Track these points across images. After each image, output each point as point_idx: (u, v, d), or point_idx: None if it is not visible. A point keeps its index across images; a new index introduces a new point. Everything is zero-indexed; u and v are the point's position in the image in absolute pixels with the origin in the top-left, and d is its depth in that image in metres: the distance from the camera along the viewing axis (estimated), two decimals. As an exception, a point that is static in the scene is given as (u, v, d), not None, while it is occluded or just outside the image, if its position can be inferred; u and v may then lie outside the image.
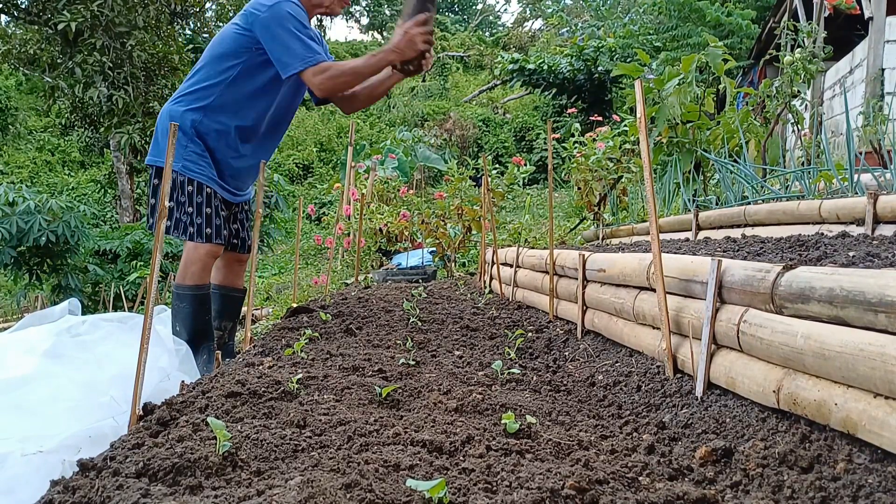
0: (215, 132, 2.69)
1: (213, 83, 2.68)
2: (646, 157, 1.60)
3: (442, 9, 39.46)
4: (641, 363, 1.74)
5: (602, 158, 5.18)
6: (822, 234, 2.31)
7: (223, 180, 2.76)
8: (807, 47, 4.45)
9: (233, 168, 2.78)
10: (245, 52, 2.65)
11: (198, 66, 2.76)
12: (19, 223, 7.84)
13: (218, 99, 2.68)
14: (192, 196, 2.66)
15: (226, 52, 2.67)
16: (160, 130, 2.72)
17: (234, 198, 2.86)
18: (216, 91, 2.67)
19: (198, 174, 2.67)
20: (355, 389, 1.60)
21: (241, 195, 2.93)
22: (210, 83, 2.68)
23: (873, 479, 0.91)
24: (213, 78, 2.68)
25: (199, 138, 2.68)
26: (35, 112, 21.56)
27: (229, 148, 2.74)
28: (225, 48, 2.68)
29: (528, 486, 1.00)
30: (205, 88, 2.69)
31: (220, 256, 2.86)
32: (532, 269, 3.08)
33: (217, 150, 2.72)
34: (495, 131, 20.22)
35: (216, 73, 2.68)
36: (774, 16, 10.57)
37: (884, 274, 0.96)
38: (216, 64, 2.68)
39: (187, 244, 2.73)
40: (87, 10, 10.77)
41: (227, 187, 2.80)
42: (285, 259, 13.26)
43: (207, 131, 2.68)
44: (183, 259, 2.76)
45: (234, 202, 2.89)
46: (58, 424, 1.68)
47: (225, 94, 2.67)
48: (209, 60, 2.71)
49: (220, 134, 2.70)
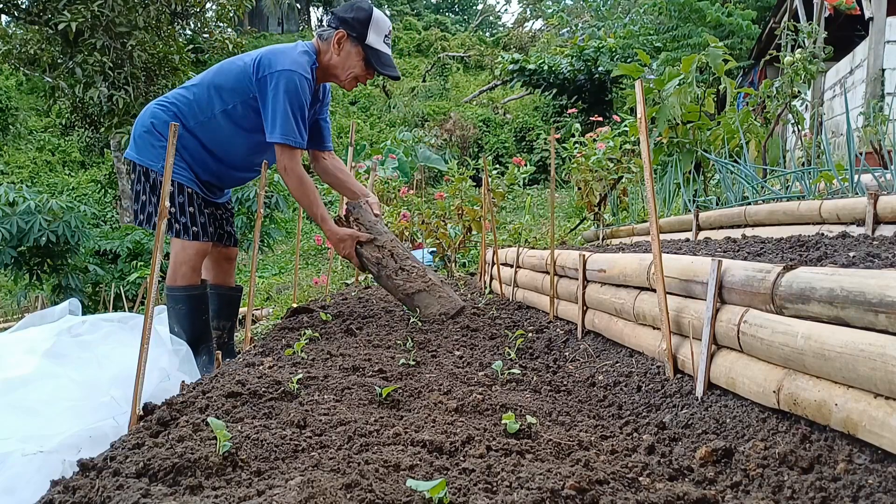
0: (192, 148, 2.77)
1: (204, 106, 2.74)
2: (646, 158, 1.60)
3: (442, 9, 39.45)
4: (642, 363, 1.74)
5: (602, 159, 5.18)
6: (823, 235, 2.31)
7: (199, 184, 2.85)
8: (807, 48, 4.45)
9: (204, 181, 2.86)
10: (242, 94, 2.71)
11: (195, 83, 2.80)
12: (19, 223, 7.84)
13: (204, 123, 2.74)
14: (174, 196, 2.72)
15: (224, 85, 2.72)
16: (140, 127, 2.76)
17: (213, 198, 2.93)
18: (204, 115, 2.74)
19: (178, 175, 2.74)
20: (355, 389, 1.60)
21: (219, 198, 2.98)
22: (201, 105, 2.74)
23: (873, 480, 0.91)
24: (205, 102, 2.73)
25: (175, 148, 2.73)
26: (35, 112, 21.58)
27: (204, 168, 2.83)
28: (226, 81, 2.73)
29: (529, 487, 0.99)
30: (195, 106, 2.75)
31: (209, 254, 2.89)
32: (532, 269, 3.08)
33: (191, 164, 2.80)
34: (496, 132, 20.22)
35: (209, 99, 2.73)
36: (775, 16, 10.58)
37: (884, 274, 0.96)
38: (213, 91, 2.73)
39: (175, 243, 2.77)
40: (88, 11, 10.77)
41: (204, 191, 2.87)
42: (285, 259, 13.26)
43: (186, 145, 2.75)
44: (171, 260, 2.79)
45: (214, 202, 2.95)
46: (58, 424, 1.68)
47: (211, 122, 2.74)
48: (208, 85, 2.75)
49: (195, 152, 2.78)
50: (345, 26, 2.75)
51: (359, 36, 2.76)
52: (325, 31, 2.83)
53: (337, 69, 2.80)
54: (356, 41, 2.76)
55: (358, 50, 2.77)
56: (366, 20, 2.75)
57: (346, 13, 2.77)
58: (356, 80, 2.84)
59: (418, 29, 31.62)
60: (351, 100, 24.19)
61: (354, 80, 2.83)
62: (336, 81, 2.87)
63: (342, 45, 2.76)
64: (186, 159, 2.76)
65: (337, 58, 2.78)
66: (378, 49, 2.79)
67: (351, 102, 24.19)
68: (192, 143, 2.75)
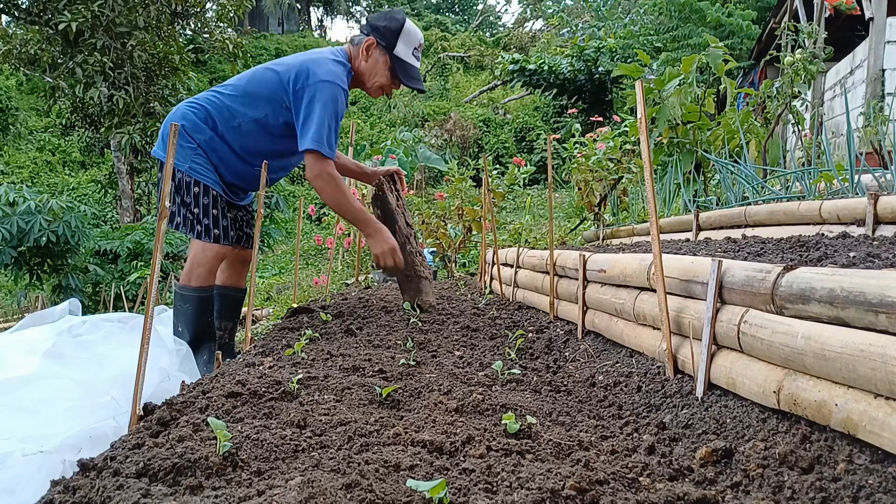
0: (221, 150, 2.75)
1: (235, 112, 2.71)
2: (646, 158, 1.60)
3: (443, 9, 39.45)
4: (642, 364, 1.74)
5: (602, 159, 5.18)
6: (823, 235, 2.31)
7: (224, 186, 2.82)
8: (807, 48, 4.45)
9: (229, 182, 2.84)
10: (276, 104, 2.69)
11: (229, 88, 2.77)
12: (20, 223, 7.84)
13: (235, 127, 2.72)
14: (199, 197, 2.69)
15: (258, 94, 2.70)
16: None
17: (236, 200, 2.90)
18: (235, 120, 2.72)
19: (204, 177, 2.71)
20: (356, 390, 1.60)
21: (242, 200, 2.96)
22: (232, 111, 2.72)
23: (874, 480, 0.91)
24: (237, 107, 2.71)
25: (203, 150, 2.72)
26: (36, 112, 21.59)
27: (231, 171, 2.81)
28: (259, 89, 2.71)
29: (529, 487, 0.99)
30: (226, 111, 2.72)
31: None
32: (532, 269, 3.08)
33: (218, 166, 2.78)
34: (496, 132, 20.23)
35: (241, 105, 2.71)
36: (775, 16, 10.58)
37: (884, 275, 0.96)
38: (246, 98, 2.71)
39: (195, 244, 2.74)
40: (88, 11, 10.77)
41: (229, 193, 2.84)
42: (286, 259, 13.27)
43: (216, 147, 2.73)
44: (189, 259, 2.77)
45: (238, 204, 2.92)
46: (58, 424, 1.68)
47: (241, 127, 2.72)
48: (242, 91, 2.73)
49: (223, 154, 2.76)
50: (375, 34, 2.77)
51: (388, 45, 2.77)
52: (357, 36, 2.83)
53: (364, 76, 2.81)
54: (385, 50, 2.77)
55: (385, 59, 2.78)
56: (397, 30, 2.76)
57: (379, 21, 2.79)
58: (381, 89, 2.85)
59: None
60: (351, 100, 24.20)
61: (380, 89, 2.85)
62: (362, 88, 2.88)
63: (370, 52, 2.78)
64: (214, 161, 2.74)
65: (364, 65, 2.79)
66: (406, 61, 2.80)
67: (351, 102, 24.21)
68: (221, 146, 2.73)
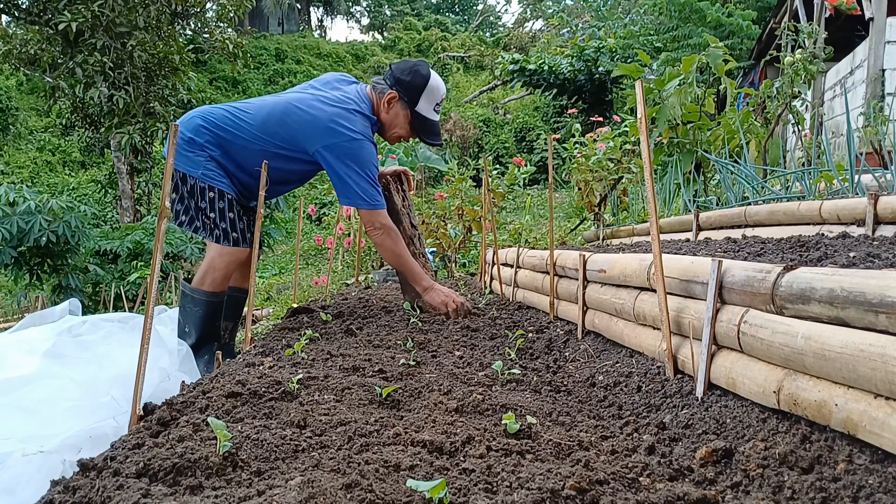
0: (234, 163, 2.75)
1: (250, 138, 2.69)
2: (646, 158, 1.60)
3: (443, 9, 39.46)
4: (642, 364, 1.74)
5: (602, 159, 5.18)
6: (823, 235, 2.31)
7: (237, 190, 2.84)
8: (807, 48, 4.45)
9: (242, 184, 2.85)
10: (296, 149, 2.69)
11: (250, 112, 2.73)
12: (20, 223, 7.85)
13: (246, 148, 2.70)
14: (214, 202, 2.68)
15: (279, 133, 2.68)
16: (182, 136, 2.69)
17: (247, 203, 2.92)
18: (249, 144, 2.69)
19: (218, 182, 2.70)
20: (356, 390, 1.60)
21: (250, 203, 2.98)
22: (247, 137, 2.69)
23: (874, 480, 0.91)
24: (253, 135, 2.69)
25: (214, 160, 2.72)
26: (36, 112, 21.59)
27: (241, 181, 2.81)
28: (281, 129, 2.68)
29: (529, 487, 0.99)
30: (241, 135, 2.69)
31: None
32: (532, 269, 3.08)
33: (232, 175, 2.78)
34: (496, 132, 20.23)
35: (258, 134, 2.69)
36: (775, 16, 10.59)
37: (884, 275, 0.96)
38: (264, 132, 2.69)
39: (212, 248, 2.73)
40: (88, 11, 10.78)
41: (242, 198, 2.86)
42: (286, 259, 13.27)
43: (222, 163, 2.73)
44: (206, 263, 2.75)
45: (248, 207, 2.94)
46: (58, 424, 1.68)
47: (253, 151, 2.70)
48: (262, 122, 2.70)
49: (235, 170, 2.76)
50: (398, 88, 2.77)
51: (410, 101, 2.78)
52: (379, 84, 2.83)
53: (384, 126, 2.84)
54: (406, 105, 2.79)
55: (406, 114, 2.81)
56: (420, 87, 2.76)
57: (404, 75, 2.78)
58: (399, 138, 2.89)
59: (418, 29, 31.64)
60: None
61: (398, 138, 2.89)
62: (381, 135, 2.92)
63: (392, 105, 2.80)
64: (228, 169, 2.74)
65: (385, 116, 2.82)
66: (426, 117, 2.82)
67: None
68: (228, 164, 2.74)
